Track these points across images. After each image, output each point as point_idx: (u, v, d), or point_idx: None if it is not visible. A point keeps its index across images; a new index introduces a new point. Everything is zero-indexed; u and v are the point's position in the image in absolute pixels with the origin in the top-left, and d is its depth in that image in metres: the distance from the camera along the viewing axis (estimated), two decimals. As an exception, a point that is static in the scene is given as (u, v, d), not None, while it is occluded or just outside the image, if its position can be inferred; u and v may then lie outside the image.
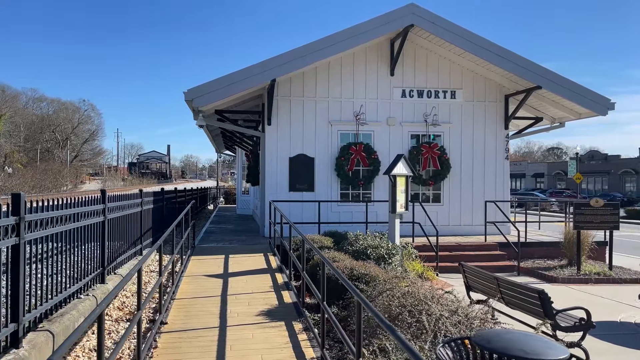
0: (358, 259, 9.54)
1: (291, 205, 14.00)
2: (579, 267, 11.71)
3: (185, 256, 10.92)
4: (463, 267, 7.83)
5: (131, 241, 9.59)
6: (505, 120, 15.60)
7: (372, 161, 14.73)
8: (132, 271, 4.80)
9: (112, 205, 7.67)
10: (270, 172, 14.49)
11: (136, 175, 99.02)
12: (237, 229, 17.15)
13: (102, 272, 7.16)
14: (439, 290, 6.06)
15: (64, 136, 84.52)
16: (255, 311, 7.11)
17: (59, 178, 56.62)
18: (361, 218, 14.28)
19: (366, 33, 13.34)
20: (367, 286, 6.93)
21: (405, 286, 6.38)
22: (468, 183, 15.44)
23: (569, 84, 13.93)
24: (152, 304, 7.44)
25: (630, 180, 65.62)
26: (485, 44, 13.69)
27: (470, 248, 13.35)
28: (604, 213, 11.71)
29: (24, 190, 43.94)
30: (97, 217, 6.91)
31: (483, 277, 7.29)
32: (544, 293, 5.77)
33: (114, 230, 8.02)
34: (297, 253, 9.82)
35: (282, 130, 14.52)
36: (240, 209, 25.39)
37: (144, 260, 5.34)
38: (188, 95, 12.47)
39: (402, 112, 15.14)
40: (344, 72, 14.84)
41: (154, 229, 11.79)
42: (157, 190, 12.93)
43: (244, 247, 12.82)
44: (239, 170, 26.49)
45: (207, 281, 9.04)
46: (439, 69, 15.27)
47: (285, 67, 12.92)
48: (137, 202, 9.75)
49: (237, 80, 12.67)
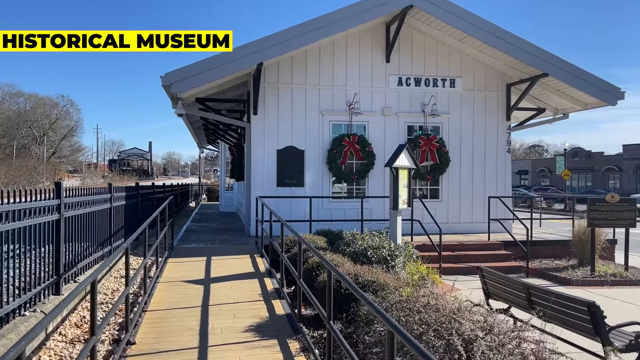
0: (357, 261, 8.45)
1: (279, 202, 12.86)
2: (593, 268, 10.80)
3: (162, 258, 9.73)
4: (482, 272, 6.80)
5: (99, 242, 8.39)
6: (507, 111, 14.65)
7: (367, 154, 13.66)
8: (83, 285, 3.65)
9: (70, 201, 6.46)
10: (257, 166, 13.33)
11: (117, 172, 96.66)
12: (220, 228, 15.95)
13: (57, 282, 5.96)
14: (466, 302, 5.00)
15: (42, 132, 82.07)
16: (242, 326, 5.99)
17: (35, 175, 54.52)
18: (354, 215, 13.21)
19: (362, 13, 12.24)
20: (375, 295, 5.85)
21: (423, 296, 5.31)
22: (468, 178, 14.47)
23: (578, 71, 13.01)
24: (118, 319, 6.27)
25: (613, 177, 65.80)
26: (490, 27, 12.69)
27: (474, 247, 12.37)
28: (620, 209, 10.81)
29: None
30: (49, 214, 5.71)
31: (508, 283, 6.26)
32: (596, 306, 4.76)
33: (74, 230, 6.82)
34: (289, 255, 8.71)
35: (270, 121, 13.36)
36: (224, 206, 24.16)
37: (101, 269, 4.19)
38: (165, 79, 11.24)
39: (398, 102, 14.09)
40: (336, 58, 13.73)
41: (128, 228, 10.57)
42: (131, 185, 11.69)
43: (228, 247, 11.66)
44: (222, 165, 25.23)
45: (186, 288, 7.89)
46: (438, 56, 14.24)
47: (273, 50, 11.76)
48: (106, 198, 8.53)
49: (221, 64, 11.47)
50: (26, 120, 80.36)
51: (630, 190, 54.86)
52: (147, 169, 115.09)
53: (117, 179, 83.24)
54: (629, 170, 61.94)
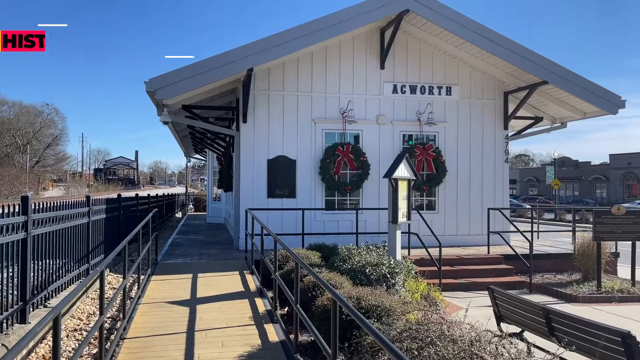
0: (355, 279, 7.89)
1: (270, 214, 12.26)
2: (599, 284, 10.31)
3: (145, 276, 9.06)
4: (493, 293, 6.26)
5: (76, 259, 7.72)
6: (505, 119, 14.23)
7: (361, 164, 13.13)
8: (47, 319, 3.04)
9: (40, 217, 5.80)
10: (246, 176, 12.72)
11: (102, 181, 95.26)
12: (207, 241, 15.27)
13: (23, 308, 5.29)
14: (485, 333, 4.45)
15: (25, 141, 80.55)
16: (232, 356, 5.37)
17: (17, 184, 53.22)
18: (349, 227, 12.66)
19: (356, 18, 11.74)
20: (380, 322, 5.27)
21: (435, 323, 4.75)
22: (465, 188, 13.99)
23: (579, 79, 12.63)
24: (93, 349, 5.61)
25: (600, 186, 66.08)
26: (488, 33, 12.26)
27: (473, 261, 11.85)
28: (626, 222, 10.36)
29: (-24, 198, 40.75)
30: (13, 233, 5.06)
31: (523, 306, 5.73)
32: (632, 337, 4.23)
33: (46, 249, 6.17)
34: (282, 272, 8.10)
35: (260, 129, 12.78)
36: (211, 217, 23.44)
37: (67, 300, 3.56)
38: (150, 85, 10.62)
39: (393, 110, 13.59)
40: (329, 64, 13.22)
41: (109, 243, 9.90)
42: (113, 197, 11.02)
43: (216, 263, 11.01)
44: (210, 175, 24.54)
45: (171, 310, 7.24)
46: (434, 63, 13.80)
47: (263, 55, 11.20)
48: (83, 212, 7.88)
49: (208, 69, 10.89)
50: (9, 128, 78.85)
51: (617, 199, 55.02)
52: (134, 178, 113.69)
53: (103, 188, 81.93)
54: (616, 180, 62.25)
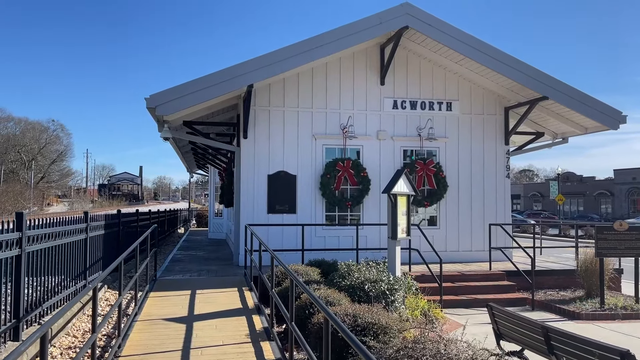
0: (354, 296, 7.83)
1: (270, 230, 12.22)
2: (602, 301, 10.18)
3: (143, 292, 9.01)
4: (492, 310, 6.18)
5: (73, 276, 7.69)
6: (506, 135, 14.22)
7: (361, 179, 13.10)
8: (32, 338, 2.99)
9: (35, 233, 5.79)
10: (247, 191, 12.71)
11: (106, 197, 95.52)
12: (208, 257, 15.21)
13: (16, 326, 5.25)
14: (482, 351, 4.38)
15: (30, 157, 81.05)
16: (227, 375, 5.30)
17: (21, 200, 53.38)
18: (349, 243, 12.58)
19: (355, 35, 11.81)
20: (376, 340, 5.20)
21: (432, 342, 4.68)
22: (466, 204, 13.92)
23: (578, 94, 12.62)
24: (86, 367, 5.56)
25: (605, 201, 65.73)
26: (488, 49, 12.30)
27: (475, 278, 11.73)
28: (629, 238, 10.26)
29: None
30: (7, 250, 5.04)
31: (522, 324, 5.64)
32: (631, 356, 4.15)
33: (41, 265, 6.14)
34: (280, 289, 8.05)
35: (260, 145, 12.81)
36: (213, 232, 23.41)
37: (54, 320, 3.53)
38: (150, 101, 10.68)
39: (393, 125, 13.61)
40: (329, 80, 13.27)
41: (107, 259, 9.86)
42: (112, 213, 11.02)
43: (215, 279, 10.94)
44: (212, 190, 24.56)
45: (167, 328, 7.17)
46: (434, 78, 13.84)
47: (264, 71, 11.27)
48: (81, 228, 7.86)
49: (209, 85, 10.95)
50: (15, 144, 79.45)
51: (622, 214, 54.69)
52: (137, 193, 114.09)
53: (107, 203, 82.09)
54: (621, 195, 61.93)
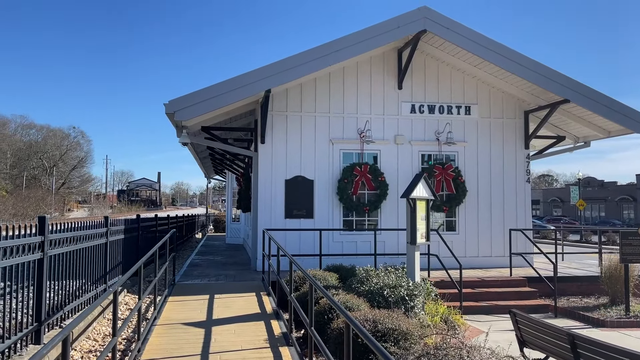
0: (373, 301, 7.76)
1: (287, 235, 12.21)
2: (627, 308, 9.94)
3: (162, 297, 9.05)
4: (515, 317, 6.05)
5: (93, 280, 7.75)
6: (526, 139, 14.02)
7: (379, 184, 13.03)
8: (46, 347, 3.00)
9: (57, 237, 5.85)
10: (264, 196, 12.72)
11: (125, 202, 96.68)
12: (225, 262, 15.25)
13: (38, 329, 5.30)
14: (507, 359, 4.28)
15: (52, 163, 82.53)
16: (246, 380, 5.27)
17: (42, 205, 54.28)
18: (367, 249, 12.48)
19: (374, 39, 11.77)
20: (397, 347, 5.12)
21: (454, 348, 4.59)
22: (486, 209, 13.74)
23: (601, 97, 12.40)
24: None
25: (627, 207, 64.45)
26: (508, 52, 12.16)
27: (495, 284, 11.55)
28: (655, 243, 10.02)
29: (3, 218, 41.65)
30: (30, 253, 5.10)
31: (547, 331, 5.51)
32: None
33: (63, 269, 6.20)
34: (298, 294, 8.00)
35: (278, 150, 12.82)
36: (230, 237, 23.48)
37: (75, 324, 3.53)
38: (169, 107, 10.77)
39: (411, 130, 13.51)
40: (346, 85, 13.25)
41: (127, 263, 9.94)
42: (132, 217, 11.11)
43: (233, 284, 10.95)
44: (229, 195, 24.66)
45: (186, 332, 7.18)
46: (452, 82, 13.73)
47: (281, 76, 11.29)
48: (101, 232, 7.93)
49: (227, 91, 11.01)
50: (37, 151, 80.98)
51: (645, 220, 53.58)
52: (156, 199, 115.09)
53: (125, 209, 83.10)
54: (644, 200, 60.66)
